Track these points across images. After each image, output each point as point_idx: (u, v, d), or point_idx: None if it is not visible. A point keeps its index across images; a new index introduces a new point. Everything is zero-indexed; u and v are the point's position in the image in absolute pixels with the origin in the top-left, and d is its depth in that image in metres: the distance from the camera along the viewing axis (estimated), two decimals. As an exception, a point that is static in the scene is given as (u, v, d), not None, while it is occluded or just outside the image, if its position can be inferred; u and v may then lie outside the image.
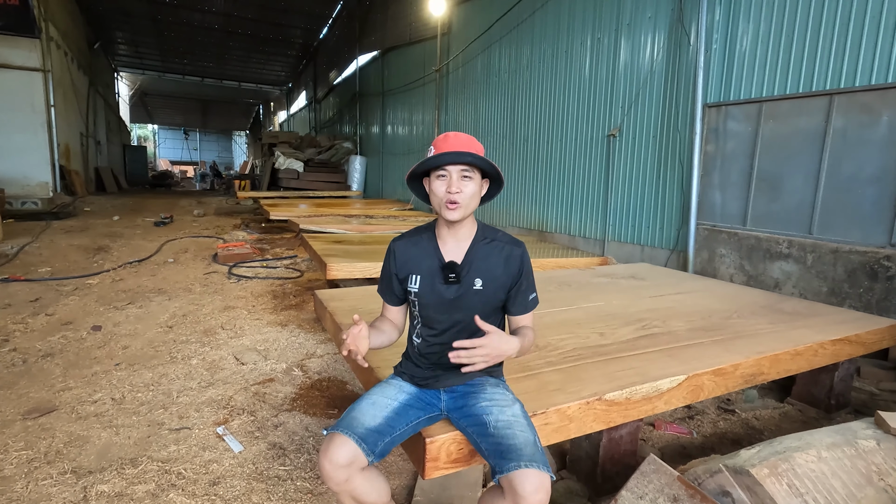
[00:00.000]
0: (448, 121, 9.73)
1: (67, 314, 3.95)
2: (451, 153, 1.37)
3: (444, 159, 1.38)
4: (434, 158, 1.39)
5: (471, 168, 1.40)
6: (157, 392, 2.68)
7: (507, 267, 1.48)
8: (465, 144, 1.40)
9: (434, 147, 1.42)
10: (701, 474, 1.40)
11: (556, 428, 1.65)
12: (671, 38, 4.94)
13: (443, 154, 1.37)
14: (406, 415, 1.42)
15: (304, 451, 2.17)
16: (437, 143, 1.43)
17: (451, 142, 1.40)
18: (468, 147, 1.40)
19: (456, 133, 1.44)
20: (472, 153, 1.38)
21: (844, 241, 3.64)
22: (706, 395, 2.03)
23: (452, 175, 1.39)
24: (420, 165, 1.43)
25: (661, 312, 2.80)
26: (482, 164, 1.40)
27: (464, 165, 1.39)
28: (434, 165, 1.40)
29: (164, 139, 42.15)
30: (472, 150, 1.39)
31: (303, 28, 18.88)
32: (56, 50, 11.33)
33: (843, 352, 2.50)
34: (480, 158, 1.38)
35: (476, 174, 1.41)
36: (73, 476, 1.94)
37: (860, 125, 3.54)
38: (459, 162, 1.38)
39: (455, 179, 1.39)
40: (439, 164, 1.39)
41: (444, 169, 1.40)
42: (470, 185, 1.40)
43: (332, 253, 4.58)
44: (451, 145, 1.39)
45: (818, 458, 1.38)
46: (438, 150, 1.40)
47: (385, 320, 1.60)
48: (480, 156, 1.39)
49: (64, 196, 10.89)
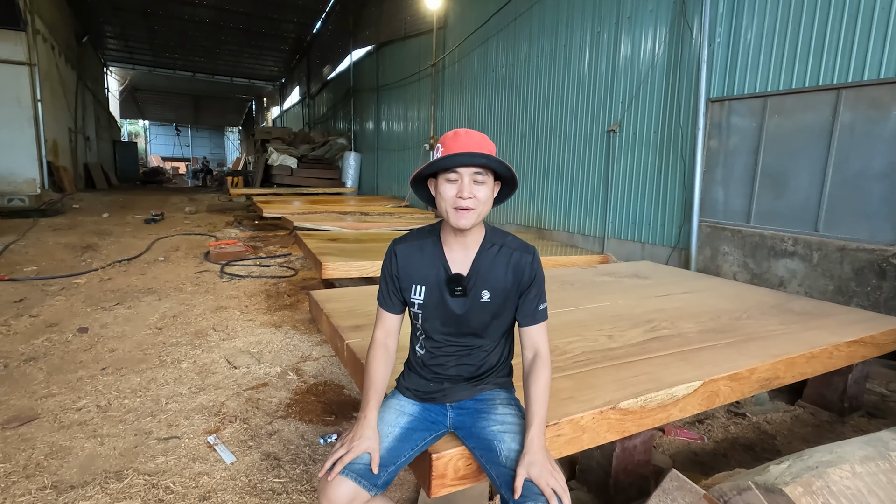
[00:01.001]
0: (444, 117, 9.61)
1: (53, 315, 3.81)
2: (464, 154, 1.21)
3: (456, 161, 1.22)
4: (445, 160, 1.22)
5: (484, 171, 1.25)
6: (144, 398, 2.56)
7: (516, 275, 1.35)
8: (479, 144, 1.24)
9: (442, 146, 1.26)
10: (727, 491, 1.30)
11: (568, 440, 1.56)
12: (673, 32, 4.84)
13: (455, 155, 1.21)
14: (410, 439, 1.31)
15: (300, 461, 2.07)
16: (445, 141, 1.26)
17: (463, 140, 1.24)
18: (481, 147, 1.23)
19: (467, 130, 1.27)
20: (486, 155, 1.22)
21: (852, 238, 3.57)
22: (722, 401, 1.95)
23: (464, 178, 1.23)
24: (428, 167, 1.27)
25: (669, 313, 2.72)
26: (497, 167, 1.25)
27: (477, 168, 1.23)
28: (444, 167, 1.24)
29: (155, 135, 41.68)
30: (486, 150, 1.24)
31: (296, 22, 18.64)
32: (43, 43, 11.07)
33: (858, 353, 2.42)
34: (496, 160, 1.23)
35: (489, 177, 1.26)
36: (54, 492, 1.82)
37: (869, 120, 3.47)
38: (473, 164, 1.23)
39: (467, 183, 1.23)
40: (450, 165, 1.23)
41: (454, 171, 1.24)
42: (483, 189, 1.25)
43: (328, 251, 4.46)
44: (462, 145, 1.23)
45: (852, 473, 1.29)
46: (448, 149, 1.23)
47: (391, 335, 1.43)
48: (496, 158, 1.23)
49: (52, 193, 10.67)
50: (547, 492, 1.11)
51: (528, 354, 1.38)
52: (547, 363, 1.34)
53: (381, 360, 1.39)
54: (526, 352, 1.39)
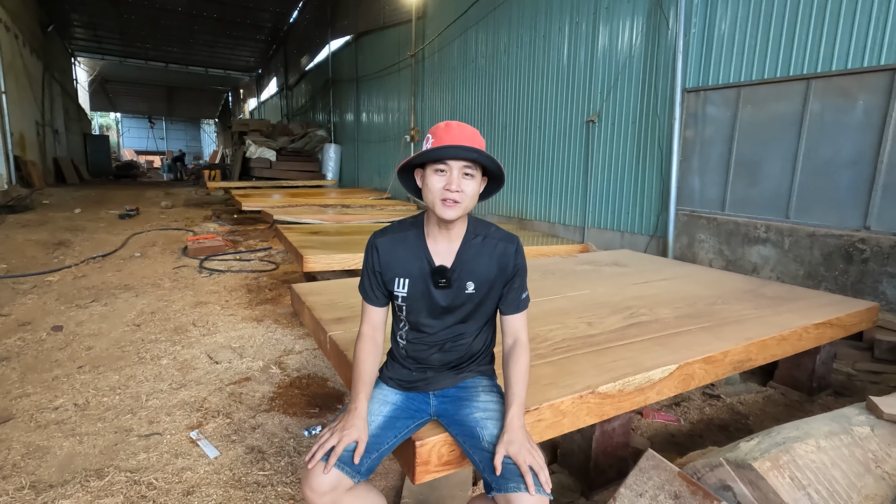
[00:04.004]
0: (424, 108, 9.56)
1: (25, 314, 3.71)
2: (456, 147, 1.21)
3: (448, 153, 1.22)
4: (435, 151, 1.22)
5: (474, 165, 1.26)
6: (124, 396, 2.53)
7: (500, 265, 1.37)
8: (470, 138, 1.24)
9: (433, 136, 1.26)
10: (700, 468, 1.36)
11: (549, 424, 1.59)
12: (650, 23, 4.90)
13: (446, 147, 1.21)
14: (393, 427, 1.33)
15: (285, 453, 2.07)
16: (437, 131, 1.26)
17: (455, 133, 1.24)
18: (473, 141, 1.24)
19: (459, 123, 1.27)
20: (477, 149, 1.22)
21: (821, 224, 3.69)
22: (697, 383, 2.01)
23: (454, 171, 1.24)
24: (418, 156, 1.26)
25: (648, 300, 2.78)
26: (488, 163, 1.26)
27: (467, 162, 1.25)
28: (434, 158, 1.24)
29: (127, 128, 40.52)
30: (477, 144, 1.24)
31: (272, 11, 18.27)
32: (6, 32, 10.65)
33: (826, 335, 2.52)
34: (487, 156, 1.24)
35: (478, 171, 1.27)
36: (32, 491, 1.79)
37: (837, 109, 3.58)
38: (463, 157, 1.23)
39: (456, 176, 1.24)
40: (441, 157, 1.23)
41: (444, 163, 1.24)
42: (471, 183, 1.26)
43: (309, 244, 4.43)
44: (454, 137, 1.23)
45: (817, 448, 1.35)
46: (439, 140, 1.23)
47: (378, 329, 1.43)
48: (487, 153, 1.24)
49: (20, 188, 10.31)
50: (523, 468, 1.15)
51: (508, 341, 1.41)
52: (526, 349, 1.38)
53: (370, 353, 1.40)
54: (506, 338, 1.42)
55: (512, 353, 1.37)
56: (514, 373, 1.33)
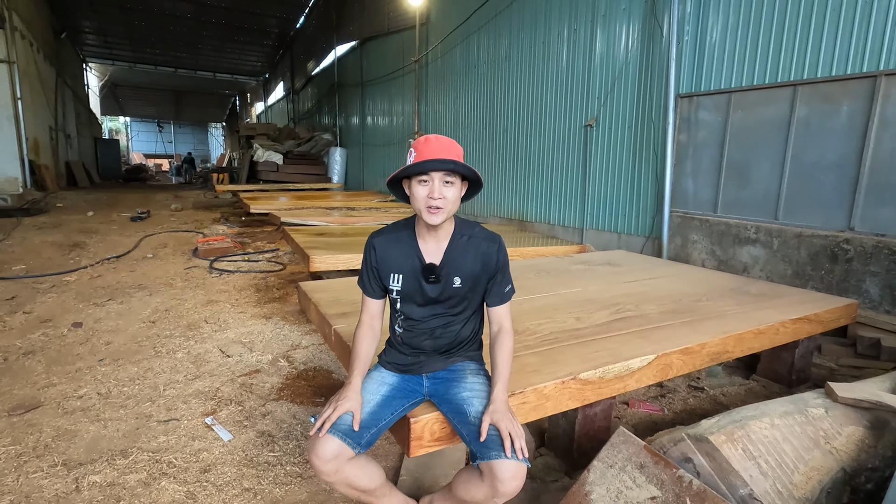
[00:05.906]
0: (428, 112, 9.74)
1: (46, 311, 3.91)
2: (434, 161, 1.37)
3: (427, 167, 1.38)
4: (416, 166, 1.39)
5: (452, 174, 1.42)
6: (143, 386, 2.71)
7: (483, 263, 1.54)
8: (447, 150, 1.40)
9: (415, 150, 1.42)
10: (666, 443, 1.51)
11: (533, 406, 1.75)
12: (645, 30, 5.05)
13: (425, 162, 1.37)
14: (390, 405, 1.49)
15: (293, 437, 2.24)
16: (417, 146, 1.42)
17: (434, 146, 1.40)
18: (449, 153, 1.40)
19: (437, 136, 1.44)
20: (454, 161, 1.38)
21: (808, 225, 3.82)
22: (675, 372, 2.16)
23: (435, 181, 1.40)
24: (402, 171, 1.44)
25: (635, 297, 2.92)
26: (464, 171, 1.43)
27: (446, 172, 1.41)
28: (417, 172, 1.41)
29: (137, 132, 41.09)
30: (454, 155, 1.40)
31: (278, 17, 18.55)
32: (21, 40, 10.95)
33: (803, 330, 2.66)
34: (462, 165, 1.40)
35: (457, 179, 1.44)
36: (64, 468, 1.97)
37: (822, 114, 3.71)
38: (442, 169, 1.39)
39: (437, 185, 1.40)
40: (423, 170, 1.40)
41: (426, 175, 1.41)
42: (452, 190, 1.42)
43: (315, 245, 4.61)
44: (433, 151, 1.39)
45: (771, 425, 1.50)
46: (420, 154, 1.39)
47: (375, 318, 1.61)
48: (462, 163, 1.41)
49: (34, 192, 10.60)
50: (504, 434, 1.32)
51: (494, 329, 1.58)
52: (510, 335, 1.55)
53: (366, 337, 1.58)
54: (492, 326, 1.59)
55: (497, 338, 1.54)
56: (499, 355, 1.51)
